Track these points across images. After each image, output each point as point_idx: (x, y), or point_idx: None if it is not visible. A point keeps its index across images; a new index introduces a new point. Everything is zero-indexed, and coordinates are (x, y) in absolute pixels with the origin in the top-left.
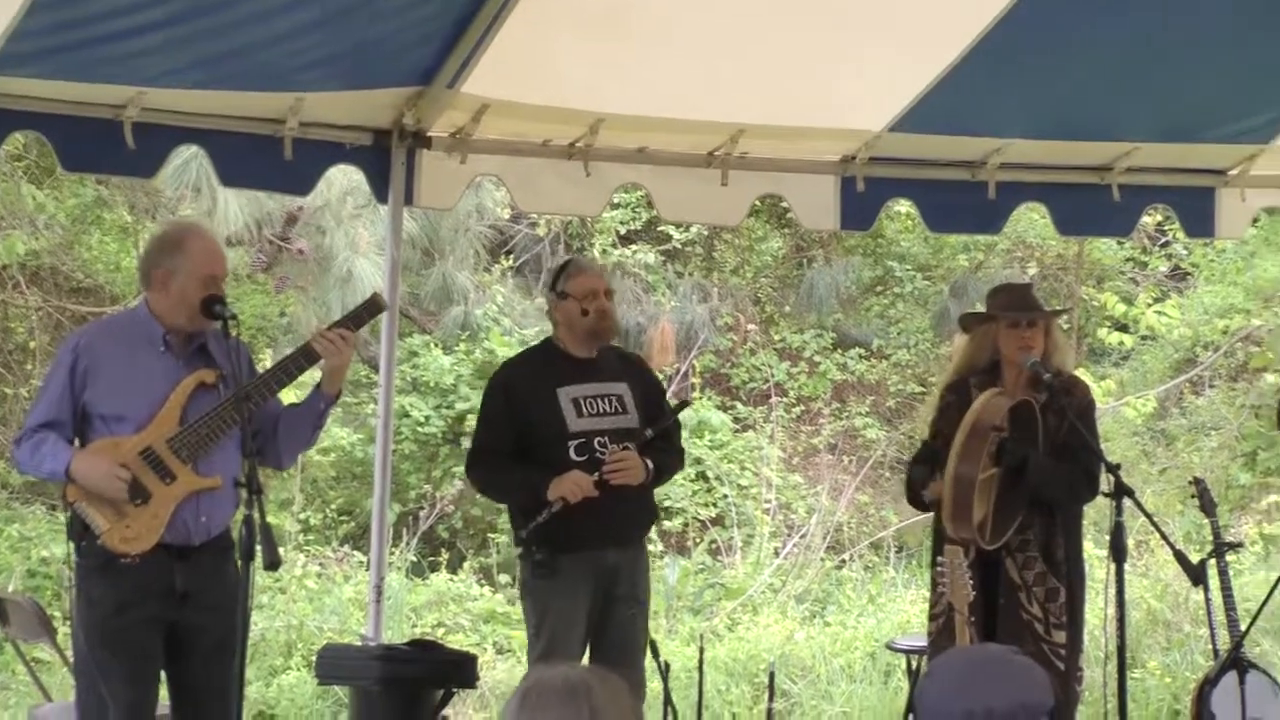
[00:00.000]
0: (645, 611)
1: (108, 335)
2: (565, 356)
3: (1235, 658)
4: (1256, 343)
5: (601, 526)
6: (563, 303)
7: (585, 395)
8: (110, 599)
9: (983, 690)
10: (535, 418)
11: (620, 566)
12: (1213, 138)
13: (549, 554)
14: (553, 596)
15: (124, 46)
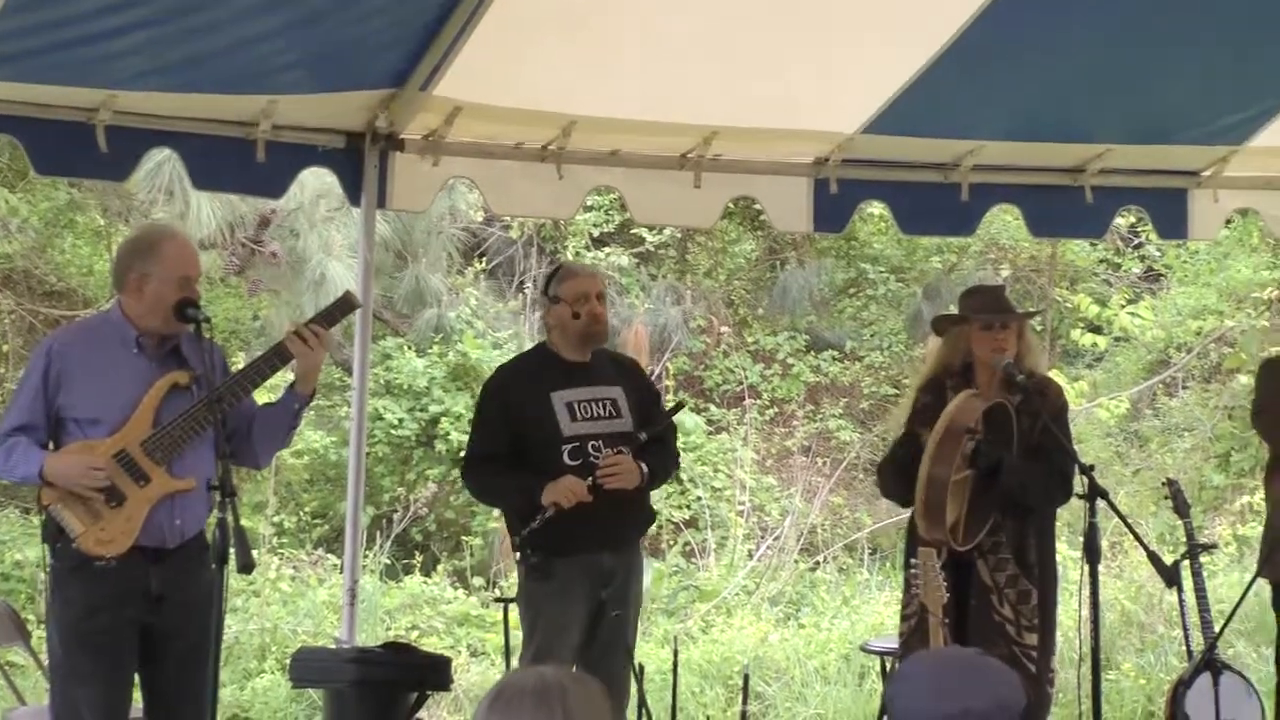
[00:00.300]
0: (635, 615)
1: (81, 339)
2: (559, 361)
3: (1209, 659)
4: (1230, 344)
5: (597, 530)
6: (555, 307)
7: (579, 399)
8: (84, 601)
9: (958, 692)
10: (529, 422)
11: (616, 570)
12: (1186, 139)
13: (544, 558)
14: (547, 600)
15: (96, 49)
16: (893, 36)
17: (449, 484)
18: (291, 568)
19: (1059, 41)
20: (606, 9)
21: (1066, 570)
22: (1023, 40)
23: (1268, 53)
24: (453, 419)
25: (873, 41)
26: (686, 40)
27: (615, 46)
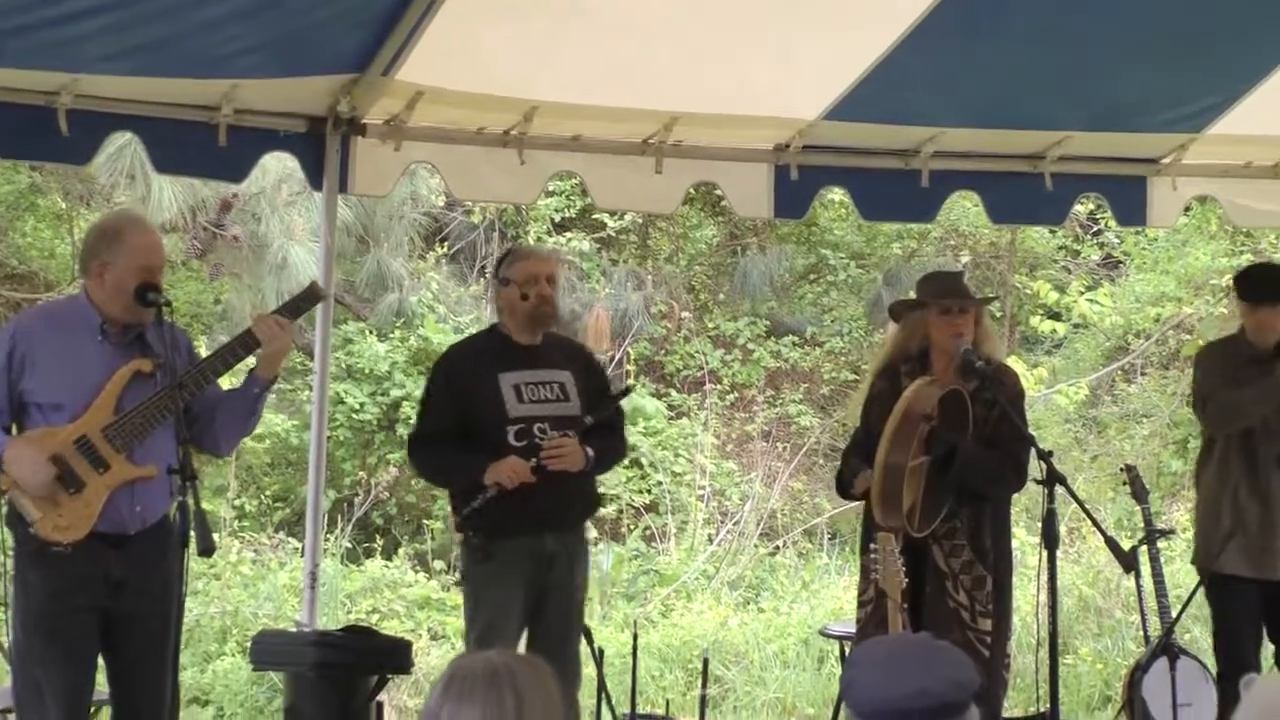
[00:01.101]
0: (582, 597)
1: (46, 322)
2: (509, 343)
3: (1166, 644)
4: (1188, 331)
5: (540, 512)
6: (505, 289)
7: (527, 381)
8: (45, 587)
9: (912, 675)
10: (476, 402)
11: (558, 553)
12: (1144, 126)
13: (485, 539)
14: (489, 582)
15: (58, 33)
16: (853, 23)
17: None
18: (252, 551)
19: (1019, 28)
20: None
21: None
22: (983, 27)
23: (1226, 42)
24: (414, 403)
25: (833, 28)
26: (648, 26)
27: (577, 32)
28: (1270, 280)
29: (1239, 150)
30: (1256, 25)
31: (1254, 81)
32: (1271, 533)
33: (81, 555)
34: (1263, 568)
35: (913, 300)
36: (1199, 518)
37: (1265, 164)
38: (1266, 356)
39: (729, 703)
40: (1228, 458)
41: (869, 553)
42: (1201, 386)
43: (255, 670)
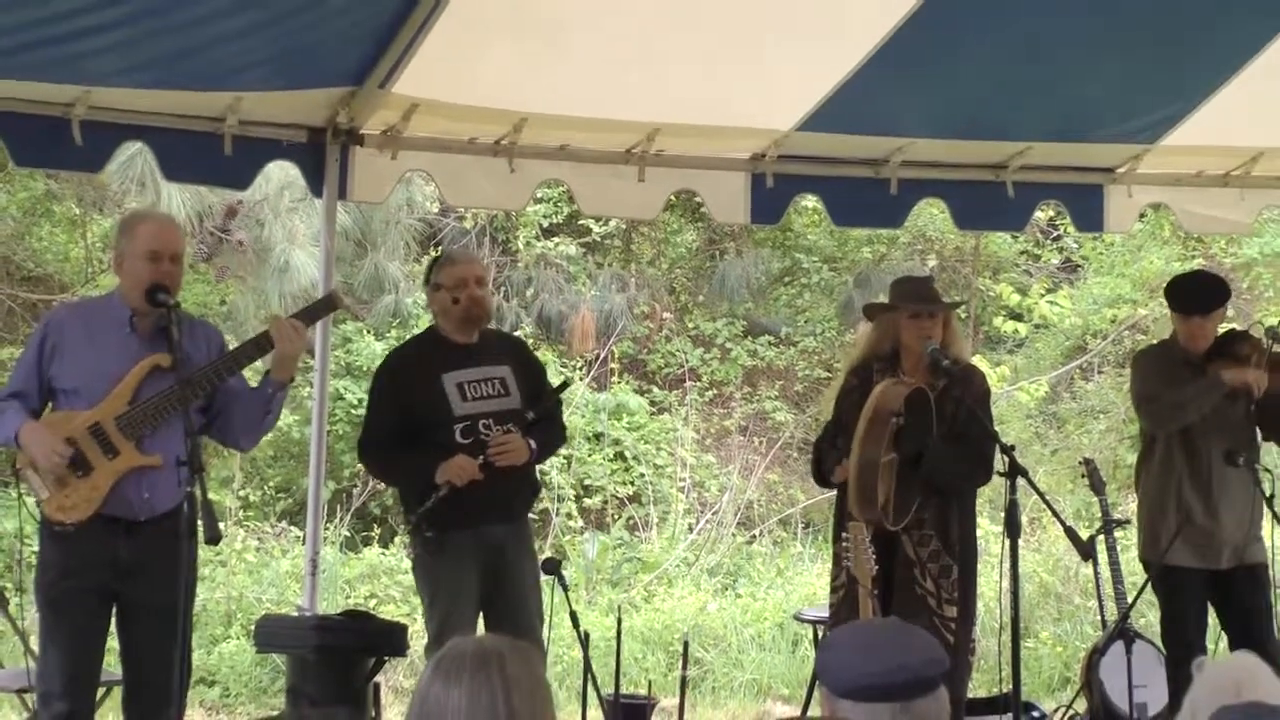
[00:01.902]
0: (536, 581)
1: (77, 316)
2: (447, 343)
3: (1122, 628)
4: (1143, 331)
5: (485, 504)
6: (436, 294)
7: (469, 380)
8: (55, 566)
9: (884, 657)
10: (421, 403)
11: (506, 540)
12: (1101, 137)
13: (438, 532)
14: (442, 572)
15: (73, 48)
16: (826, 38)
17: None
18: (256, 539)
19: (984, 44)
20: (556, 11)
21: (988, 544)
22: (949, 43)
23: (1179, 58)
24: None
25: (807, 43)
26: (632, 42)
27: (564, 47)
28: (1198, 292)
29: (1191, 160)
30: (1207, 44)
31: (1204, 96)
32: (1216, 524)
33: (90, 537)
34: (1207, 558)
35: (885, 303)
36: (1144, 512)
37: (1215, 174)
38: (1199, 360)
39: (708, 684)
40: (1170, 455)
41: (841, 542)
42: (1141, 389)
43: (259, 652)
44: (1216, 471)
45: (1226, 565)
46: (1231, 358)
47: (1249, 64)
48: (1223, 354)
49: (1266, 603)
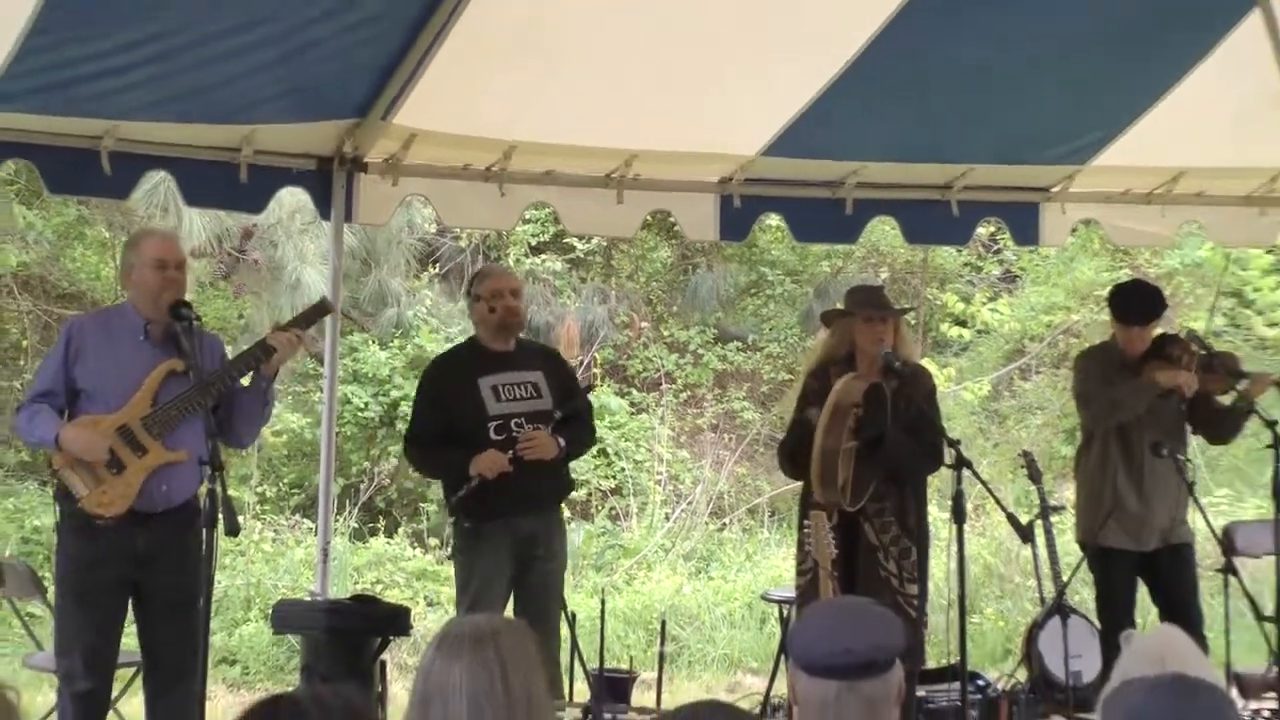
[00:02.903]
0: (560, 569)
1: (97, 324)
2: (485, 351)
3: (1059, 604)
4: (1076, 335)
5: (518, 497)
6: (476, 305)
7: (503, 383)
8: (82, 558)
9: (851, 633)
10: (459, 404)
11: (537, 531)
12: (1037, 160)
13: (474, 522)
14: (477, 558)
15: (101, 85)
16: (786, 72)
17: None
18: (273, 531)
19: (930, 76)
20: (542, 50)
21: (937, 530)
22: (899, 75)
23: (1105, 88)
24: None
25: (769, 76)
26: (610, 77)
27: (548, 83)
28: (1137, 301)
29: (1118, 180)
30: (1131, 76)
31: (1129, 122)
32: (1147, 510)
33: (115, 531)
34: (1139, 540)
35: (841, 310)
36: (1080, 499)
37: (1140, 192)
38: (1135, 362)
39: (684, 658)
40: (1107, 447)
41: (804, 529)
42: (1082, 387)
43: (275, 634)
44: (1148, 462)
45: (1155, 547)
46: (1165, 360)
47: (1169, 93)
48: (1157, 356)
49: (1191, 580)
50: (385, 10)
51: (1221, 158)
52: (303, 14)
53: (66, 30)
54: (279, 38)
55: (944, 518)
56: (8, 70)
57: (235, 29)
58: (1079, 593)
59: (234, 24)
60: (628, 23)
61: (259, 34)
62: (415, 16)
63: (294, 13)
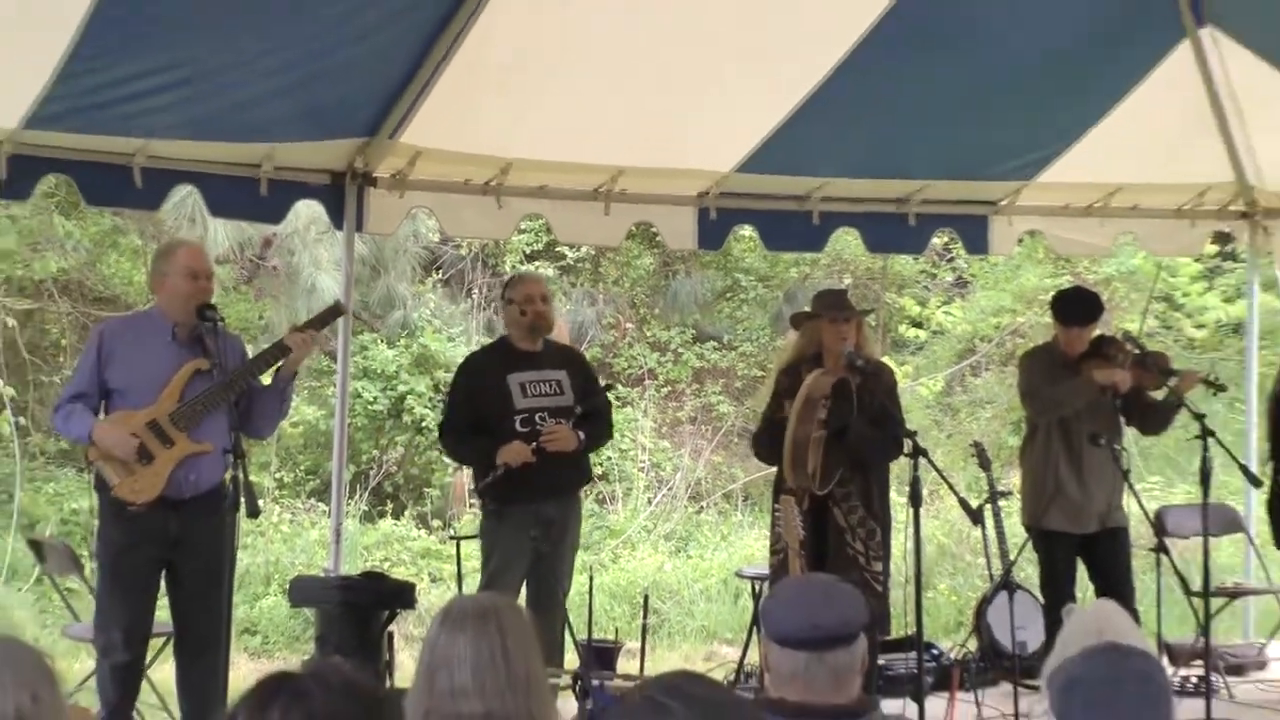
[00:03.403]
0: (571, 549)
1: (126, 327)
2: (514, 350)
3: (1006, 581)
4: (1021, 336)
5: (540, 484)
6: (508, 308)
7: (529, 380)
8: (119, 541)
9: (817, 609)
10: (489, 398)
11: (555, 517)
12: (987, 176)
13: (499, 505)
14: (499, 538)
15: (133, 107)
16: (758, 96)
17: (413, 448)
18: (290, 514)
19: (889, 100)
20: (535, 76)
21: (896, 513)
22: (861, 99)
23: (1048, 112)
24: (416, 396)
25: (743, 100)
26: (598, 100)
27: (542, 104)
28: (1077, 305)
29: (1060, 194)
30: (1071, 99)
31: (1070, 142)
32: (1086, 495)
33: (148, 516)
34: (1079, 523)
35: (808, 312)
36: (1026, 486)
37: (1080, 205)
38: (1075, 361)
39: (665, 630)
40: (1049, 438)
41: (774, 513)
42: (1027, 384)
43: (293, 607)
44: (1087, 452)
45: (1094, 530)
46: (1103, 359)
47: (1106, 116)
48: (1095, 355)
49: (1125, 560)
50: (393, 40)
51: (1154, 174)
52: (317, 43)
53: (101, 58)
54: (295, 64)
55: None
56: (48, 95)
57: (255, 56)
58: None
59: (254, 52)
60: (614, 51)
61: (277, 61)
62: (420, 46)
63: (309, 41)
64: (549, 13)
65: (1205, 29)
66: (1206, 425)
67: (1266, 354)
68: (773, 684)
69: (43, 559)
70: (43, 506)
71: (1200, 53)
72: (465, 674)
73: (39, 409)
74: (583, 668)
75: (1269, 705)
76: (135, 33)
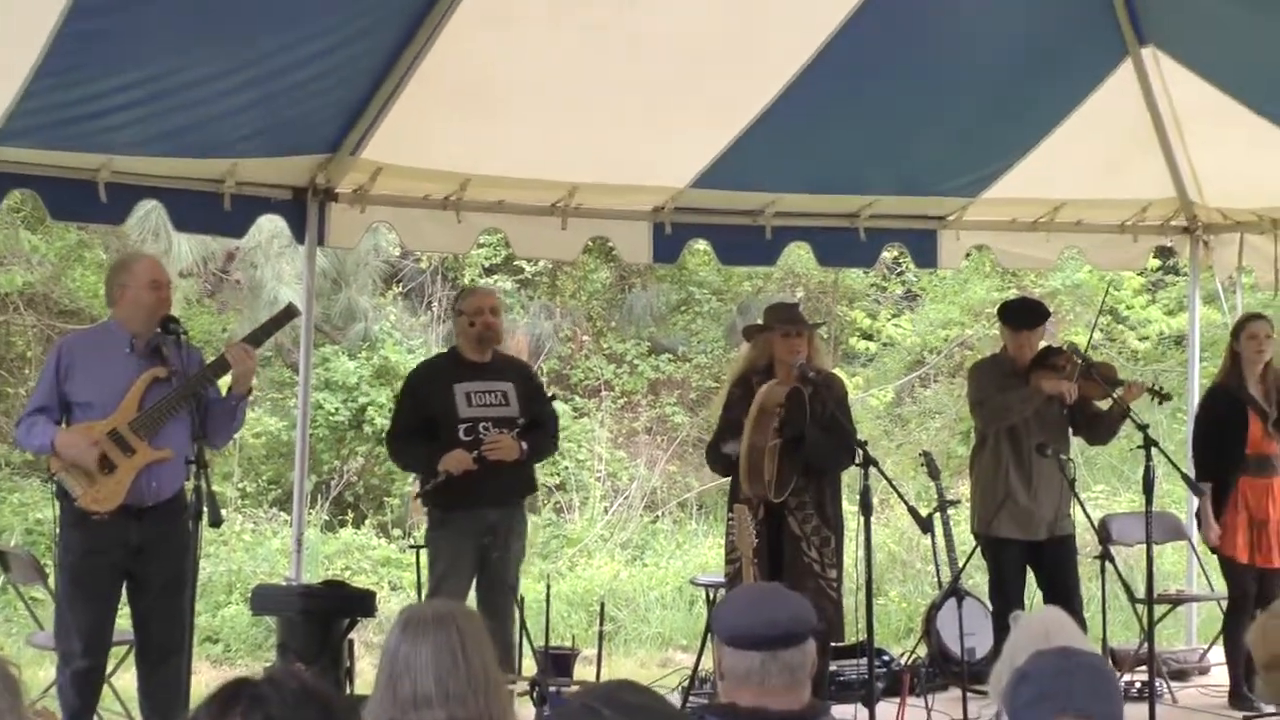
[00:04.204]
0: (516, 558)
1: (84, 341)
2: (462, 360)
3: (955, 588)
4: (970, 347)
5: (482, 492)
6: (458, 319)
7: (476, 390)
8: (80, 549)
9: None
10: (434, 406)
11: (499, 524)
12: (935, 192)
13: (442, 512)
14: (444, 545)
15: (98, 123)
16: (713, 113)
17: (374, 458)
18: (252, 523)
19: (839, 118)
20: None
21: (847, 521)
22: (812, 117)
23: (993, 131)
24: (376, 408)
25: (697, 117)
26: (555, 117)
27: (500, 122)
28: (1024, 310)
29: (1005, 210)
30: (1017, 117)
31: (1016, 159)
32: (1035, 503)
33: (110, 524)
34: (1028, 531)
35: (760, 325)
36: (976, 494)
37: (1025, 221)
38: (1022, 371)
39: (621, 636)
40: (999, 447)
41: (730, 521)
42: (976, 393)
43: (254, 615)
44: (1036, 461)
45: (1043, 537)
46: (1050, 369)
47: (1051, 133)
48: (1042, 366)
49: (1073, 569)
50: (354, 59)
51: (1098, 190)
52: (280, 61)
53: (67, 75)
54: (258, 82)
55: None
56: (14, 111)
57: (219, 74)
58: (973, 577)
59: (218, 70)
60: (570, 70)
61: (240, 79)
62: (381, 65)
63: (272, 59)
64: (506, 33)
65: (1147, 48)
66: (1150, 435)
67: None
68: (726, 689)
69: (7, 568)
70: (7, 516)
71: (1142, 71)
72: (429, 681)
73: (4, 420)
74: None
75: (1211, 710)
76: (100, 50)
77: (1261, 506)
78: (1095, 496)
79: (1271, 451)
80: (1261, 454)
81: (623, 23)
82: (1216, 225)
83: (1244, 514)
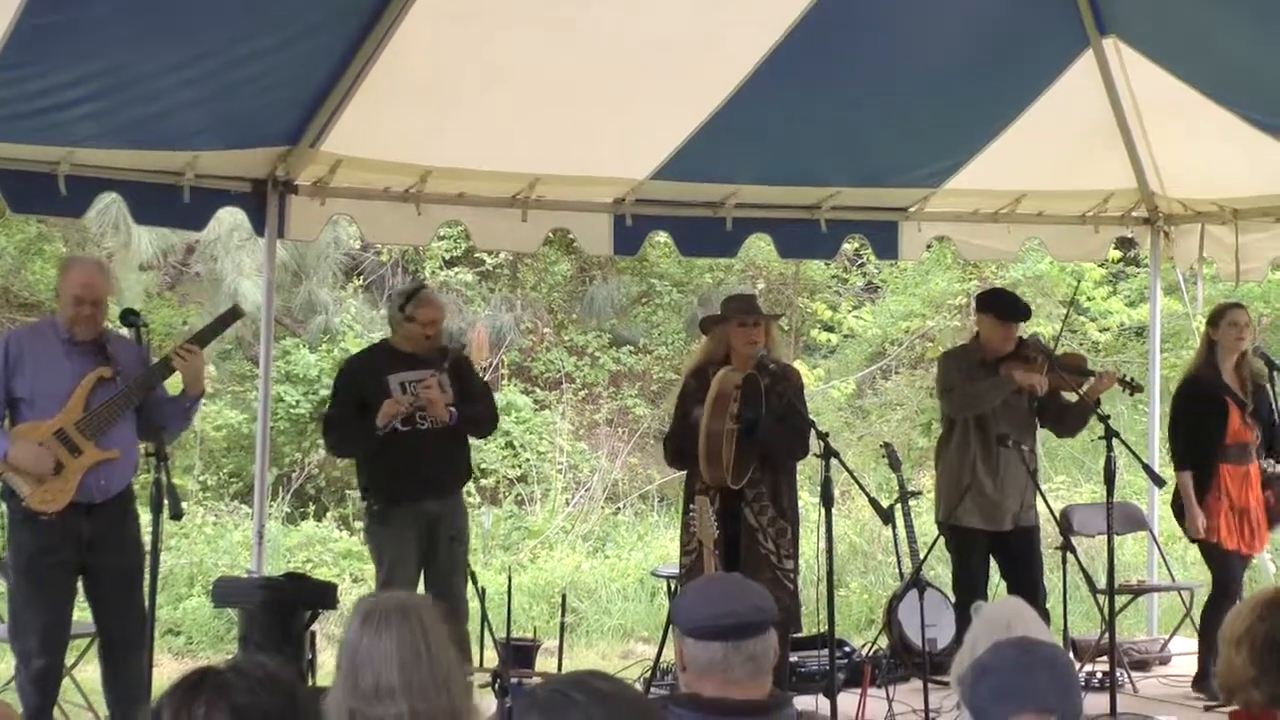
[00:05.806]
0: (464, 546)
1: (32, 335)
2: (395, 352)
3: (916, 579)
4: (930, 339)
5: (422, 483)
6: (409, 324)
7: (410, 379)
8: (31, 545)
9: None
10: (369, 395)
11: (441, 514)
12: (896, 183)
13: (383, 505)
14: (387, 539)
15: (58, 116)
16: (672, 105)
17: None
18: (213, 516)
19: (800, 109)
20: (453, 86)
21: (808, 513)
22: (773, 108)
23: (956, 120)
24: None
25: (657, 109)
26: (517, 107)
27: (459, 114)
28: (1014, 304)
29: (967, 201)
30: (977, 108)
31: (977, 150)
32: (1001, 494)
33: (60, 521)
34: (993, 521)
35: (718, 316)
36: (941, 484)
37: (987, 212)
38: (992, 361)
39: (583, 628)
40: (966, 437)
41: (689, 513)
42: (946, 381)
43: (216, 608)
44: (1003, 452)
45: (1008, 528)
46: (1021, 360)
47: (1011, 125)
48: (1013, 357)
49: (1037, 560)
50: (313, 52)
51: (1059, 181)
52: (238, 53)
53: (25, 67)
54: (217, 74)
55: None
56: None
57: (177, 65)
58: (934, 569)
59: (176, 61)
60: (530, 63)
61: (199, 70)
62: (339, 57)
63: (230, 50)
64: (465, 25)
65: (1108, 39)
66: (1111, 426)
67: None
68: (689, 680)
69: None
70: None
71: (1103, 62)
72: (392, 673)
73: None
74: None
75: (1172, 699)
76: (59, 42)
77: (1241, 494)
78: (1056, 488)
79: (1248, 439)
80: (1241, 442)
81: (583, 15)
82: (1177, 216)
83: (1225, 501)
